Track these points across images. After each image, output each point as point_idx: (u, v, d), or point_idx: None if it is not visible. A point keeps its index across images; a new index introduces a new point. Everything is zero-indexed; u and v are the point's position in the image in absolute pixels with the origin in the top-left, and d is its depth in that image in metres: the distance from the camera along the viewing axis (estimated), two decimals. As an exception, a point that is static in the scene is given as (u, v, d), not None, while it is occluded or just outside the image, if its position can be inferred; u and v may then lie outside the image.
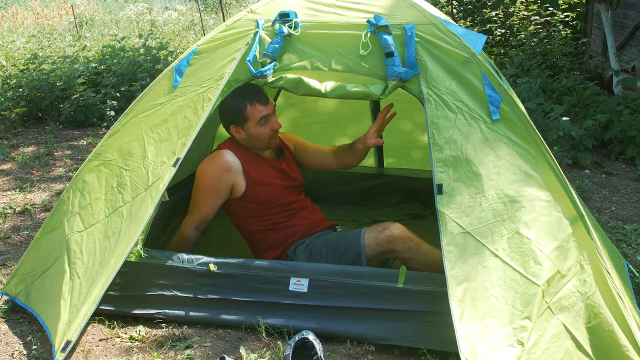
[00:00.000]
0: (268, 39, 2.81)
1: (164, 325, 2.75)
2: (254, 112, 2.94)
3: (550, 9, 8.85)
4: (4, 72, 7.68)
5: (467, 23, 9.74)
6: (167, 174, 2.69)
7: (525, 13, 9.16)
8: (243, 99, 2.93)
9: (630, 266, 3.32)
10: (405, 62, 2.68)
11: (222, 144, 3.10)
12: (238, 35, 2.87)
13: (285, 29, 2.77)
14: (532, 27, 8.82)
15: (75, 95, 6.87)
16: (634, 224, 4.12)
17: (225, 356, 2.41)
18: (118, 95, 7.01)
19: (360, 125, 4.11)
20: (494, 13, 9.47)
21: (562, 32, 8.64)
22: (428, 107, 2.61)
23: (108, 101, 6.88)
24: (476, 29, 9.12)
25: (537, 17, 8.99)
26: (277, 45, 2.77)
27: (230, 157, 2.97)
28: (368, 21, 2.74)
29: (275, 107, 3.06)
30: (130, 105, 3.04)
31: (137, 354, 2.56)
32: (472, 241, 2.42)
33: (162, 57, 7.68)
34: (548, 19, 8.88)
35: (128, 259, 2.66)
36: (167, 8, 16.73)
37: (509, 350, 2.29)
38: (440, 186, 2.49)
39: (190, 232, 3.02)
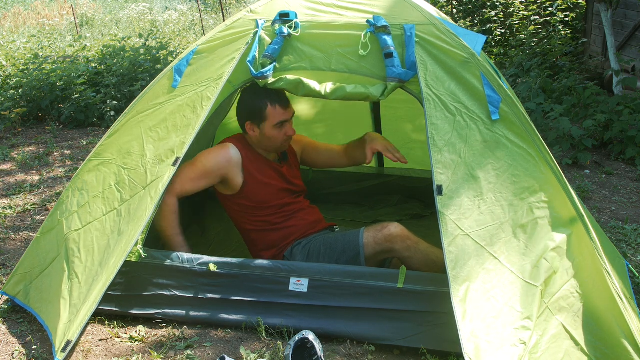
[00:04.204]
0: (268, 39, 2.81)
1: (164, 325, 2.75)
2: (274, 113, 2.94)
3: (550, 9, 8.84)
4: (4, 72, 7.67)
5: (467, 23, 9.74)
6: (167, 173, 2.70)
7: (525, 13, 9.15)
8: (266, 98, 2.93)
9: (630, 266, 3.32)
10: (405, 63, 2.68)
11: (228, 139, 3.12)
12: (238, 35, 2.88)
13: (286, 30, 2.78)
14: (532, 27, 8.81)
15: (75, 95, 6.87)
16: (634, 224, 4.12)
17: (225, 356, 2.41)
18: (118, 95, 7.00)
19: (361, 125, 4.11)
20: (493, 13, 9.47)
21: (562, 32, 8.64)
22: (427, 108, 2.61)
23: (108, 101, 6.87)
24: (476, 29, 9.11)
25: (537, 17, 8.98)
26: (277, 47, 2.77)
27: (232, 151, 3.00)
28: (367, 21, 2.74)
29: (294, 113, 3.04)
30: (130, 105, 3.05)
31: (137, 354, 2.56)
32: (472, 244, 2.42)
33: (162, 57, 7.68)
34: (548, 19, 8.88)
35: (128, 259, 2.67)
36: (167, 8, 16.75)
37: (511, 350, 2.29)
38: (440, 187, 2.49)
39: (170, 199, 2.89)
